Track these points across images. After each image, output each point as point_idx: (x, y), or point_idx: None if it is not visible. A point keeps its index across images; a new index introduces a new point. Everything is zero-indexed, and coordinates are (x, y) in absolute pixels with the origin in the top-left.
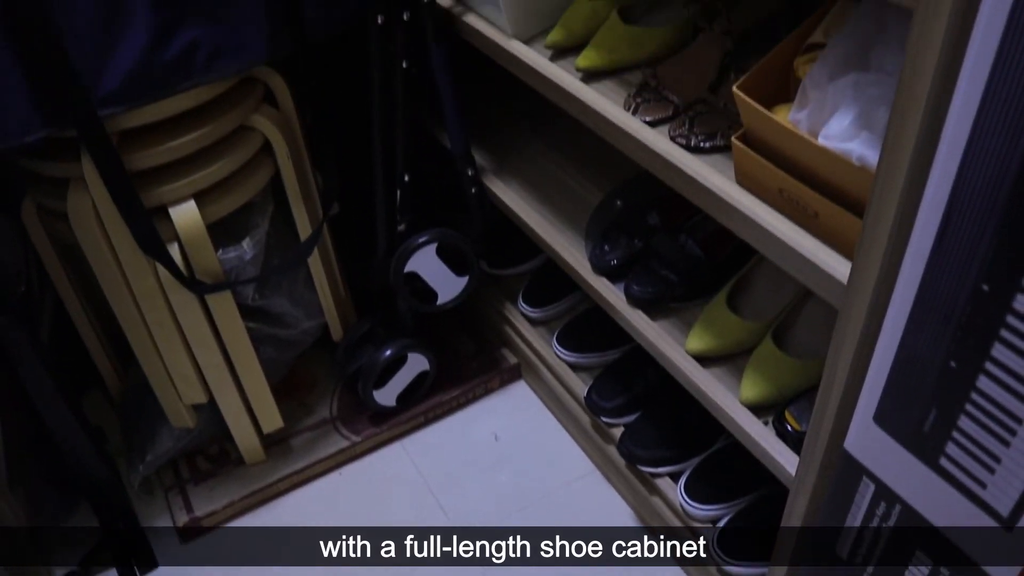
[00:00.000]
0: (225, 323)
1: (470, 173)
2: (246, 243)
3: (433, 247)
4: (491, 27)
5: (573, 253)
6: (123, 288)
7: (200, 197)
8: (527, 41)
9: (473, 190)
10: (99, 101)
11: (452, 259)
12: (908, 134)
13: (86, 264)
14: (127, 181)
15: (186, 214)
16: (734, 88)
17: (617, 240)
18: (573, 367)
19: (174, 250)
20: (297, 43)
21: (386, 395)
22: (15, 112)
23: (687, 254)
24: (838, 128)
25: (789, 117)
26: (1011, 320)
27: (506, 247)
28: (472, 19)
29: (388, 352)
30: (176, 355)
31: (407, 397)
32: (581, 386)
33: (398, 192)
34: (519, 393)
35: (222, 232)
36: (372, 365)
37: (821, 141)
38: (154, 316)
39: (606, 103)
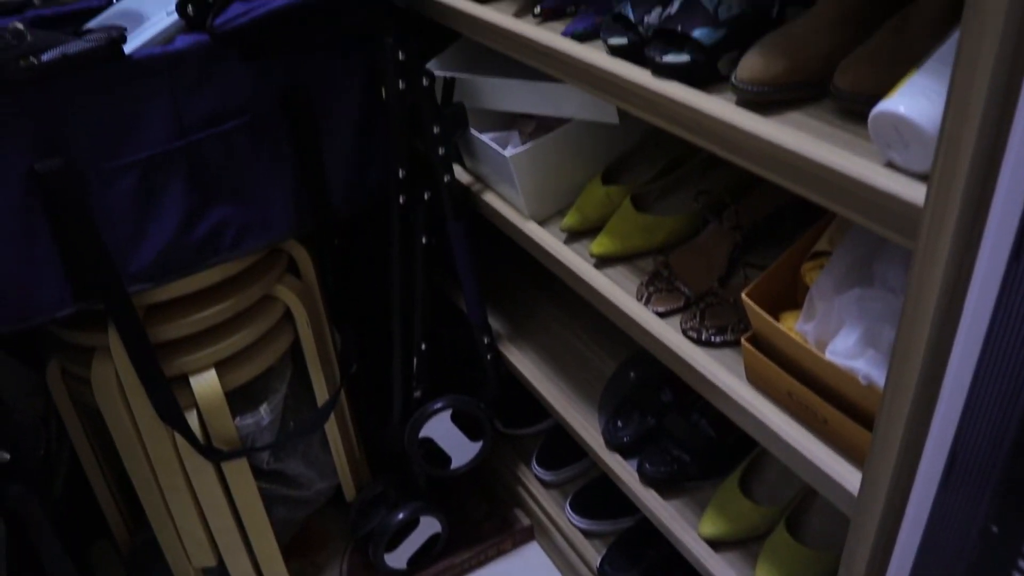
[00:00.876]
0: (239, 488)
1: (486, 341)
2: (264, 409)
3: (448, 413)
4: (508, 207)
5: (586, 427)
6: (139, 452)
7: (221, 365)
8: (543, 222)
9: (489, 356)
10: (128, 278)
11: (467, 425)
12: (911, 373)
13: (104, 424)
14: (151, 353)
15: (206, 383)
16: (743, 295)
17: (630, 416)
18: (586, 533)
19: (192, 417)
20: (322, 221)
21: (397, 558)
22: (49, 290)
23: (700, 434)
24: (844, 346)
25: (796, 327)
26: (1023, 564)
27: (521, 406)
28: (490, 197)
29: (400, 515)
30: (188, 519)
31: (418, 560)
32: (594, 553)
33: (415, 360)
34: (532, 556)
35: (240, 396)
36: (384, 528)
37: (828, 356)
38: (168, 481)
39: (618, 292)
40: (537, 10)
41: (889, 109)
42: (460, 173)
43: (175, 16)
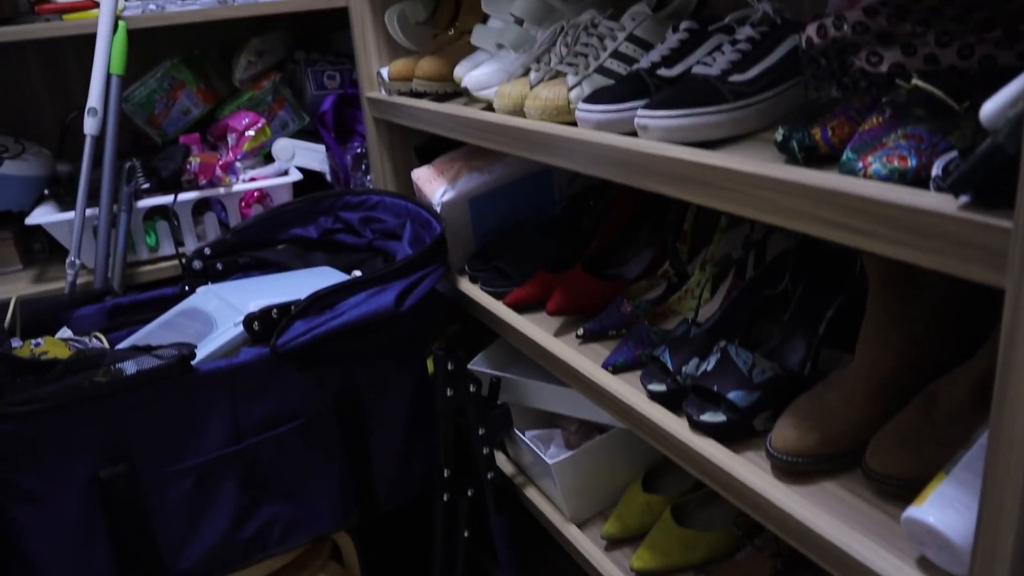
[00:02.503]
0: None
1: None
2: None
3: None
4: (549, 505)
5: None
6: None
7: None
8: (583, 523)
9: None
10: (176, 575)
11: None
12: None
13: None
14: None
15: None
16: None
17: None
18: None
19: None
20: (366, 515)
21: None
22: None
23: None
24: None
25: None
26: None
27: None
28: (532, 492)
29: None
30: None
31: None
32: None
33: None
34: None
35: None
36: None
37: None
38: None
39: None
40: (580, 331)
41: (920, 518)
42: (503, 462)
43: (241, 328)
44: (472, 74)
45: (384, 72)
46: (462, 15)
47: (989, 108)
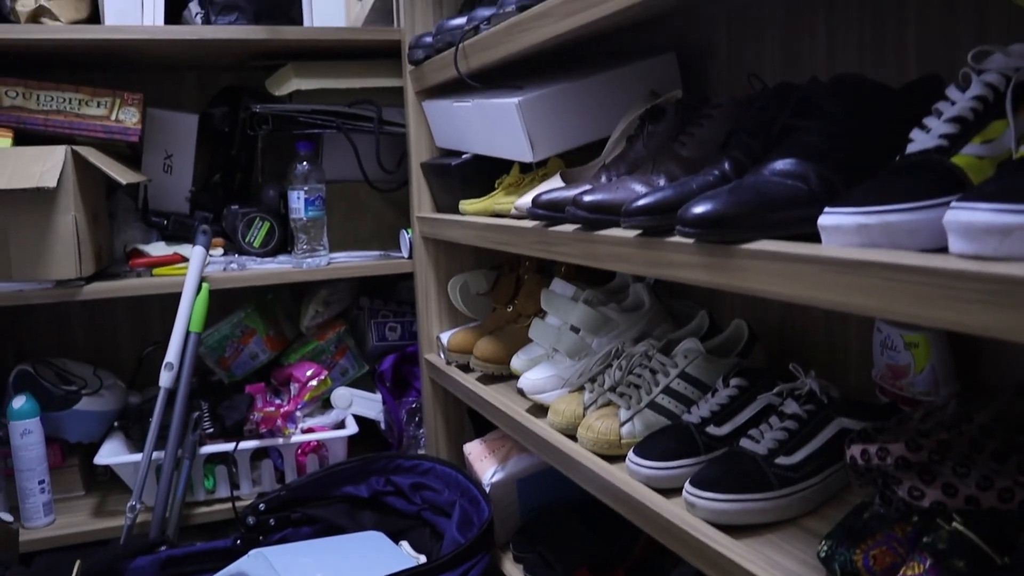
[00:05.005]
0: None
1: None
2: None
3: None
4: None
5: None
6: None
7: None
8: None
9: None
10: None
11: None
12: None
13: None
14: None
15: None
16: None
17: None
18: None
19: None
20: None
21: None
22: None
23: None
24: None
25: None
26: None
27: None
28: None
29: None
30: None
31: None
32: None
33: None
34: None
35: None
36: None
37: None
38: None
39: None
40: None
41: None
42: None
43: None
44: (528, 377)
45: (444, 339)
46: (522, 295)
47: None
